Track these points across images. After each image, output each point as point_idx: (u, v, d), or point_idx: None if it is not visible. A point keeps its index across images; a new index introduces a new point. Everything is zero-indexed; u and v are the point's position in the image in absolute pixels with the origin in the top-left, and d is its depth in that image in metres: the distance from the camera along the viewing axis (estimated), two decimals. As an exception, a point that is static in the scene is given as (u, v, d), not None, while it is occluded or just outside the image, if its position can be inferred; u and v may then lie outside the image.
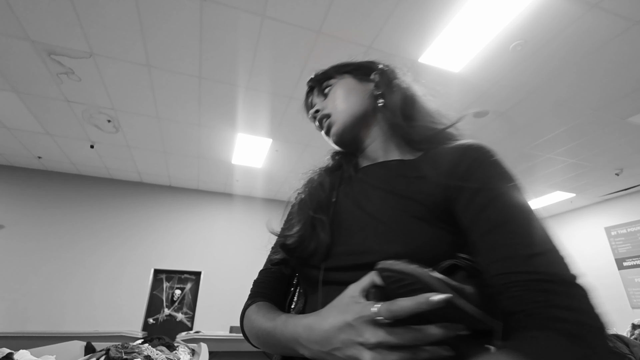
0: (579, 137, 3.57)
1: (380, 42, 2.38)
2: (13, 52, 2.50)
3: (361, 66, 0.65)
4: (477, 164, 0.46)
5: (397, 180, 0.52)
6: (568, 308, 0.33)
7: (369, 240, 0.47)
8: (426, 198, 0.47)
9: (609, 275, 5.15)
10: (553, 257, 0.37)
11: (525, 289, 0.35)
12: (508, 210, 0.41)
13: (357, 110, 0.60)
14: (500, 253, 0.39)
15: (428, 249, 0.43)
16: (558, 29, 2.26)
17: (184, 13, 2.19)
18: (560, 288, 0.35)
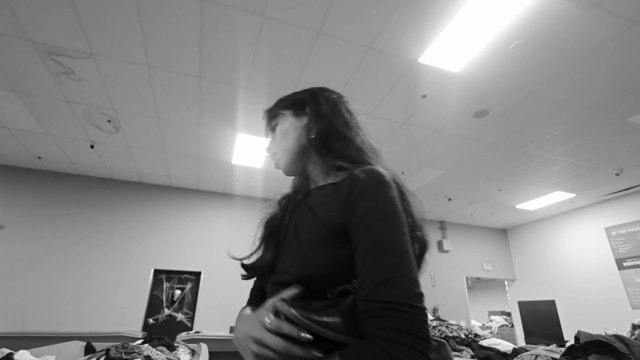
0: (579, 137, 3.57)
1: (380, 42, 2.38)
2: (13, 52, 2.50)
3: (296, 101, 0.74)
4: (360, 197, 0.53)
5: (320, 205, 0.60)
6: (383, 329, 0.43)
7: (290, 262, 0.58)
8: (330, 223, 0.55)
9: (609, 275, 5.15)
10: (396, 285, 0.46)
11: (366, 315, 0.46)
12: (373, 242, 0.49)
13: (294, 148, 0.70)
14: (360, 283, 0.49)
15: (329, 270, 0.53)
16: (558, 29, 2.26)
17: (184, 13, 2.19)
18: (390, 313, 0.44)
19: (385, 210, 0.51)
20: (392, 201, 0.53)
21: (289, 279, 0.55)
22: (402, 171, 4.44)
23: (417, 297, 0.45)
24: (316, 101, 0.72)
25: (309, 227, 0.59)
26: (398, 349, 0.41)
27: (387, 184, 0.54)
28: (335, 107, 0.72)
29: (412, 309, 0.44)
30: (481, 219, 6.44)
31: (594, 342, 1.41)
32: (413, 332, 0.42)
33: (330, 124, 0.68)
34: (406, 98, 2.98)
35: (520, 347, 2.08)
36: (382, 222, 0.50)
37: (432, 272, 6.12)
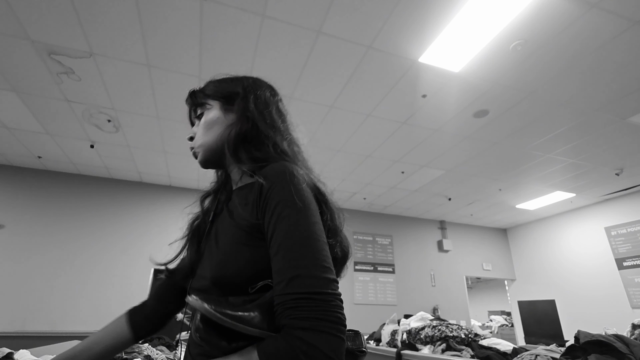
0: (579, 137, 3.57)
1: (380, 42, 2.38)
2: (13, 52, 2.50)
3: (226, 93, 0.70)
4: (271, 191, 0.53)
5: (237, 208, 0.60)
6: (297, 318, 0.44)
7: (207, 265, 0.58)
8: (246, 223, 0.56)
9: (609, 275, 5.15)
10: (309, 275, 0.46)
11: (283, 307, 0.46)
12: (284, 237, 0.50)
13: (214, 144, 0.68)
14: (275, 276, 0.49)
15: (243, 269, 0.53)
16: (558, 29, 2.26)
17: (184, 13, 2.19)
18: (304, 303, 0.45)
19: (293, 203, 0.51)
20: (299, 193, 0.53)
21: (205, 283, 0.56)
22: (402, 171, 4.44)
23: (330, 284, 0.47)
24: (245, 99, 0.69)
25: (227, 231, 0.60)
26: (314, 336, 0.43)
27: (293, 175, 0.54)
28: (264, 107, 0.69)
29: (324, 295, 0.46)
30: (481, 218, 6.44)
31: (593, 341, 1.41)
32: (327, 318, 0.44)
33: (253, 126, 0.66)
34: (406, 98, 2.98)
35: (520, 347, 2.08)
36: (290, 215, 0.51)
37: (432, 272, 6.12)
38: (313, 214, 0.52)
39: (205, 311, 0.47)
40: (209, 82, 0.75)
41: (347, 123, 3.37)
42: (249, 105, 0.68)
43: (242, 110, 0.67)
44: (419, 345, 2.26)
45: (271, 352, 0.44)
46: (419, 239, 6.31)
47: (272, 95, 0.75)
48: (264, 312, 0.48)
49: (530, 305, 6.27)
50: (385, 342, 2.66)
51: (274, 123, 0.68)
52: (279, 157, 0.62)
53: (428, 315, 2.60)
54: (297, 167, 0.57)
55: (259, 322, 0.47)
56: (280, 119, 0.70)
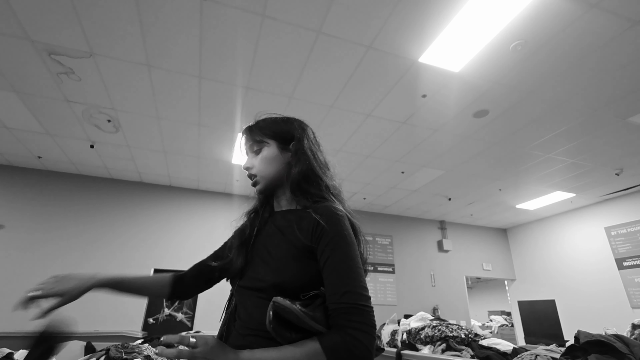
0: (579, 137, 3.57)
1: (380, 42, 2.38)
2: (13, 52, 2.50)
3: (282, 135, 0.85)
4: (328, 225, 0.71)
5: (289, 227, 0.76)
6: (350, 320, 0.62)
7: (264, 271, 0.73)
8: (299, 243, 0.72)
9: (609, 275, 5.15)
10: (356, 292, 0.65)
11: (338, 312, 0.64)
12: (339, 262, 0.68)
13: (275, 177, 0.84)
14: (328, 291, 0.67)
15: (297, 279, 0.69)
16: (558, 29, 2.26)
17: (184, 13, 2.19)
18: (354, 311, 0.63)
19: (345, 238, 0.70)
20: (347, 232, 0.71)
21: (263, 285, 0.70)
22: (402, 171, 4.44)
23: (368, 300, 0.65)
24: (300, 142, 0.84)
25: (281, 245, 0.75)
26: (359, 334, 0.61)
27: (343, 218, 0.73)
28: (314, 149, 0.85)
29: (367, 308, 0.64)
30: (481, 218, 6.44)
31: (593, 341, 1.41)
32: (368, 323, 0.63)
33: (308, 167, 0.81)
34: (406, 98, 2.98)
35: (520, 347, 2.08)
36: (343, 247, 0.69)
37: (432, 272, 6.12)
38: (355, 249, 0.71)
39: (292, 309, 0.62)
40: (263, 120, 0.89)
41: (347, 123, 3.37)
42: (305, 149, 0.83)
43: (300, 152, 0.83)
44: (419, 345, 2.26)
45: (331, 343, 0.61)
46: (419, 239, 6.31)
47: (315, 137, 0.90)
48: (322, 314, 0.65)
49: (530, 305, 6.27)
50: (385, 342, 2.66)
51: (322, 164, 0.85)
52: (328, 197, 0.79)
53: (428, 315, 2.60)
54: (342, 208, 0.76)
55: (321, 321, 0.64)
56: (324, 159, 0.87)
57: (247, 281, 0.76)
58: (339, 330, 0.61)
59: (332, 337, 0.61)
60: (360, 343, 0.60)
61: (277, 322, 0.63)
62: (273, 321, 0.63)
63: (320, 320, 0.63)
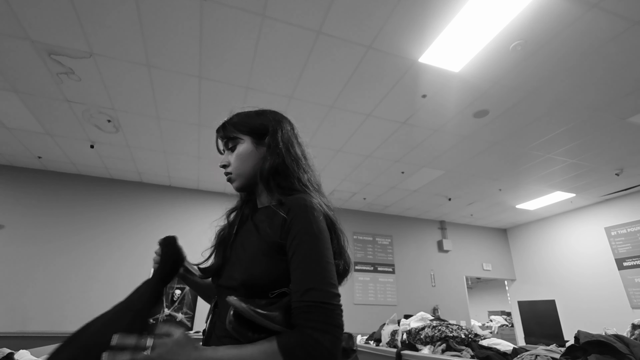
0: (579, 137, 3.57)
1: (380, 42, 2.38)
2: (13, 52, 2.50)
3: (257, 130, 0.84)
4: (294, 220, 0.68)
5: (263, 223, 0.74)
6: (309, 320, 0.59)
7: (236, 269, 0.72)
8: (269, 238, 0.70)
9: (609, 275, 5.15)
10: (320, 289, 0.61)
11: (298, 311, 0.61)
12: (303, 257, 0.65)
13: (251, 174, 0.82)
14: (293, 287, 0.64)
15: (265, 275, 0.67)
16: (558, 29, 2.26)
17: (184, 13, 2.19)
18: (315, 310, 0.60)
19: (312, 232, 0.66)
20: (317, 224, 0.68)
21: (234, 283, 0.70)
22: (402, 171, 4.44)
23: (334, 297, 0.62)
24: (274, 136, 0.82)
25: (254, 242, 0.73)
26: (320, 335, 0.57)
27: (313, 209, 0.69)
28: (289, 142, 0.83)
29: (330, 306, 0.60)
30: (481, 219, 6.44)
31: (594, 342, 1.41)
32: (330, 322, 0.59)
33: (282, 161, 0.79)
34: (406, 98, 2.98)
35: (520, 347, 2.08)
36: (308, 241, 0.66)
37: (432, 272, 6.12)
38: (326, 241, 0.68)
39: (242, 309, 0.61)
40: (237, 115, 0.88)
41: (347, 123, 3.37)
42: (278, 142, 0.81)
43: (273, 147, 0.81)
44: (419, 346, 2.26)
45: (287, 342, 0.58)
46: (419, 239, 6.31)
47: (292, 129, 0.88)
48: (284, 313, 0.62)
49: (530, 305, 6.27)
50: (385, 342, 2.66)
51: (297, 158, 0.82)
52: (301, 189, 0.77)
53: (428, 315, 2.60)
54: (314, 200, 0.72)
55: (280, 320, 0.61)
56: (301, 153, 0.84)
57: (223, 280, 0.75)
58: (298, 330, 0.59)
59: (289, 337, 0.58)
60: (320, 344, 0.56)
61: (237, 322, 0.63)
62: (233, 321, 0.63)
63: (279, 320, 0.61)
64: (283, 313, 0.62)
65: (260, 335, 0.61)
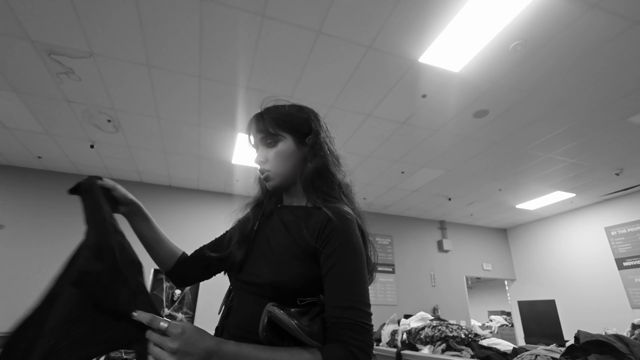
0: (579, 137, 3.57)
1: (380, 42, 2.38)
2: (13, 52, 2.50)
3: (299, 129, 0.80)
4: (335, 231, 0.66)
5: (295, 224, 0.71)
6: (353, 338, 0.59)
7: (262, 266, 0.69)
8: (303, 242, 0.67)
9: (609, 275, 5.15)
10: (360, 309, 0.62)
11: (338, 327, 0.60)
12: (344, 273, 0.63)
13: (290, 174, 0.78)
14: (329, 302, 0.63)
15: (297, 280, 0.65)
16: (558, 29, 2.26)
17: (184, 13, 2.19)
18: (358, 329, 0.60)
19: (353, 248, 0.65)
20: (356, 240, 0.66)
21: (260, 281, 0.67)
22: (402, 171, 4.44)
23: (370, 318, 0.63)
24: (317, 136, 0.79)
25: (283, 241, 0.70)
26: (360, 353, 0.58)
27: (352, 223, 0.68)
28: (329, 144, 0.80)
29: (368, 327, 0.62)
30: (481, 218, 6.44)
31: (594, 341, 1.41)
32: (368, 342, 0.60)
33: (323, 163, 0.76)
34: (406, 98, 2.98)
35: (520, 347, 2.08)
36: (349, 257, 0.64)
37: (432, 272, 6.12)
38: (364, 259, 0.67)
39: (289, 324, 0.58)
40: (276, 109, 0.82)
41: (347, 123, 3.37)
42: (322, 144, 0.78)
43: (316, 148, 0.77)
44: (419, 346, 2.26)
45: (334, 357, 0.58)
46: (419, 239, 6.31)
47: (327, 128, 0.84)
48: (320, 328, 0.61)
49: (530, 305, 6.27)
50: (385, 342, 2.66)
51: (336, 161, 0.80)
52: (339, 196, 0.75)
53: (428, 315, 2.60)
54: (352, 212, 0.70)
55: (318, 336, 0.60)
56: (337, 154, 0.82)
57: (245, 275, 0.72)
58: (342, 346, 0.58)
59: (335, 352, 0.58)
60: None
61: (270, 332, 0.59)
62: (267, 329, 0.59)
63: (317, 335, 0.60)
64: (320, 328, 0.61)
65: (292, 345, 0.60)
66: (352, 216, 0.69)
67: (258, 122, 0.81)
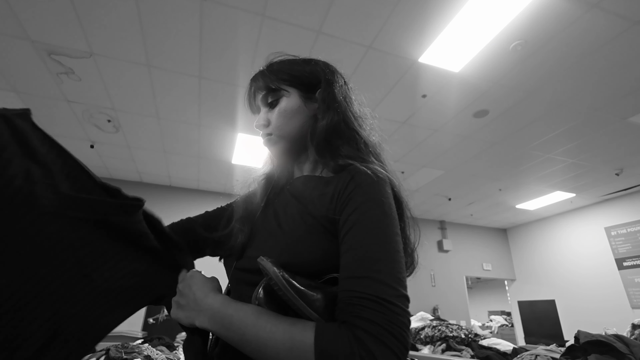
0: (579, 137, 3.57)
1: (380, 42, 2.38)
2: (13, 52, 2.50)
3: (305, 81, 0.65)
4: (357, 189, 0.50)
5: (309, 195, 0.57)
6: (361, 318, 0.40)
7: (271, 250, 0.53)
8: (321, 214, 0.52)
9: (609, 275, 5.15)
10: (376, 279, 0.42)
11: (345, 302, 0.43)
12: (363, 235, 0.46)
13: (296, 134, 0.64)
14: (343, 272, 0.46)
15: (313, 262, 0.50)
16: (558, 29, 2.26)
17: (184, 13, 2.19)
18: (371, 304, 0.40)
19: (381, 205, 0.48)
20: (387, 200, 0.50)
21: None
22: (402, 171, 4.44)
23: (400, 298, 0.43)
24: (329, 88, 0.64)
25: (295, 215, 0.56)
26: (376, 345, 0.38)
27: (384, 183, 0.52)
28: (347, 96, 0.66)
29: (392, 306, 0.41)
30: (481, 218, 6.44)
31: (594, 341, 1.41)
32: (392, 331, 0.39)
33: (340, 118, 0.62)
34: (406, 98, 2.98)
35: (520, 347, 2.08)
36: (376, 216, 0.47)
37: (432, 272, 6.12)
38: (396, 225, 0.49)
39: (273, 273, 0.44)
40: (278, 63, 0.67)
41: (347, 123, 3.37)
42: (336, 96, 0.63)
43: (328, 101, 0.63)
44: (419, 345, 2.26)
45: (329, 337, 0.39)
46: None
47: (346, 83, 0.69)
48: (327, 301, 0.45)
49: (530, 305, 6.27)
50: (385, 342, 2.65)
51: (358, 116, 0.66)
52: (368, 156, 0.60)
53: (428, 315, 2.60)
54: (384, 171, 0.55)
55: (321, 307, 0.44)
56: (360, 111, 0.68)
57: (245, 262, 0.57)
58: (347, 330, 0.40)
59: (335, 335, 0.39)
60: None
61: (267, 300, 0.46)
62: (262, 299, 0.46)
63: (318, 305, 0.44)
64: (327, 300, 0.45)
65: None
66: (383, 174, 0.53)
67: (258, 79, 0.67)
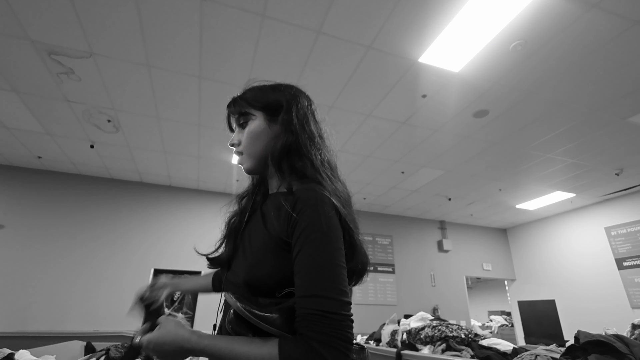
0: (579, 137, 3.57)
1: (380, 42, 2.38)
2: (13, 52, 2.50)
3: (271, 105, 0.75)
4: (300, 215, 0.59)
5: (271, 214, 0.65)
6: (313, 331, 0.52)
7: (241, 265, 0.66)
8: (276, 233, 0.62)
9: (609, 275, 5.15)
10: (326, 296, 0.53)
11: (300, 319, 0.54)
12: (308, 258, 0.56)
13: (261, 154, 0.74)
14: (297, 291, 0.56)
15: (271, 276, 0.60)
16: (558, 29, 2.26)
17: (184, 13, 2.19)
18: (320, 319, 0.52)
19: (320, 229, 0.57)
20: (325, 220, 0.58)
21: (238, 280, 0.64)
22: (402, 171, 4.44)
23: (343, 306, 0.54)
24: (289, 112, 0.73)
25: (259, 236, 0.66)
26: (324, 348, 0.50)
27: (324, 203, 0.60)
28: (304, 119, 0.74)
29: (338, 316, 0.53)
30: (481, 218, 6.44)
31: (594, 341, 1.41)
32: (337, 336, 0.51)
33: (295, 139, 0.70)
34: (406, 98, 2.98)
35: (520, 347, 2.08)
36: (316, 239, 0.57)
37: (432, 272, 6.12)
38: (336, 240, 0.58)
39: (237, 309, 0.57)
40: (250, 89, 0.79)
41: (347, 123, 3.37)
42: (292, 119, 0.72)
43: (287, 124, 0.72)
44: (419, 346, 2.26)
45: (290, 352, 0.52)
46: (419, 239, 6.31)
47: (309, 104, 0.78)
48: (285, 316, 0.56)
49: (530, 305, 6.27)
50: (385, 342, 2.66)
51: (312, 136, 0.73)
52: (313, 175, 0.67)
53: (428, 315, 2.60)
54: (325, 192, 0.62)
55: (280, 324, 0.56)
56: (317, 131, 0.75)
57: (230, 274, 0.69)
58: (302, 341, 0.52)
59: (294, 348, 0.51)
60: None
61: (236, 322, 0.59)
62: (233, 320, 0.59)
63: (277, 323, 0.55)
64: (284, 316, 0.56)
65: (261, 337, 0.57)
66: (322, 196, 0.61)
67: (231, 105, 0.80)
